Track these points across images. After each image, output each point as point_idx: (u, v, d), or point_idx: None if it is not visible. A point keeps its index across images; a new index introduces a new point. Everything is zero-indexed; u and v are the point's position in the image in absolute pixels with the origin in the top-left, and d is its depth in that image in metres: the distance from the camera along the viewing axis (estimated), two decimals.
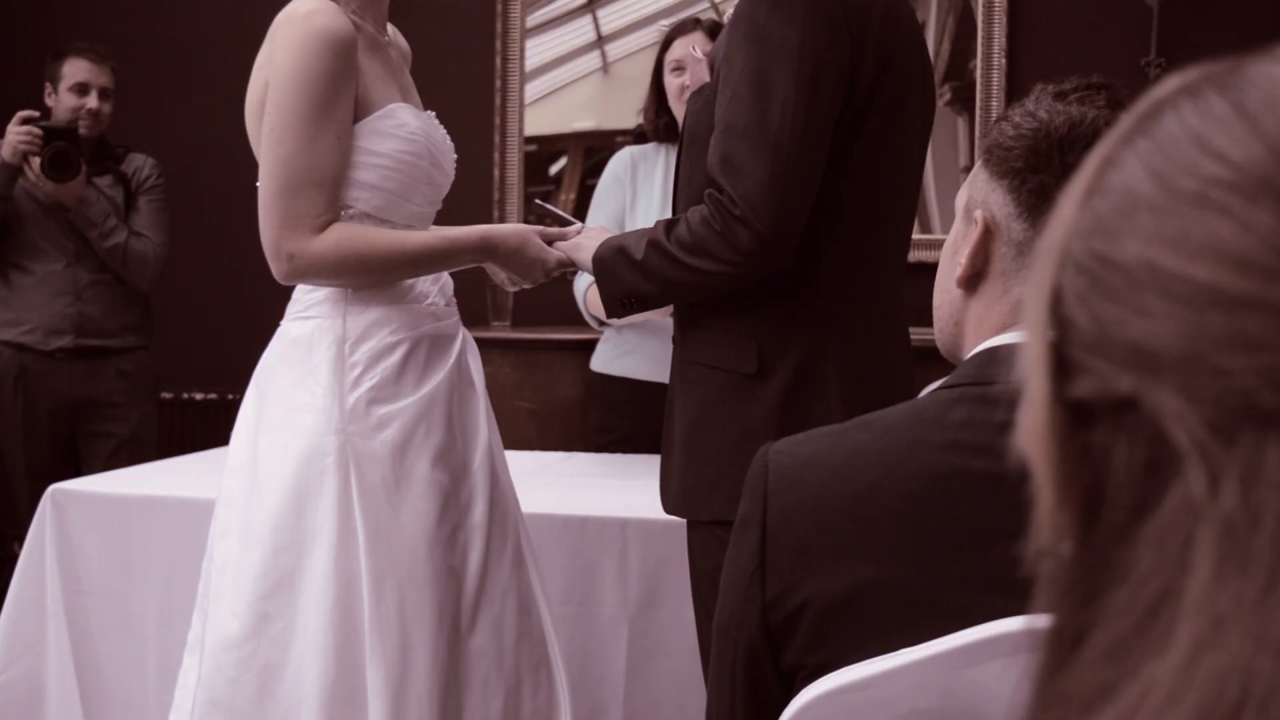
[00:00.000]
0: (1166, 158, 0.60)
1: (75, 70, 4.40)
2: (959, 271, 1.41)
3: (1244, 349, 0.56)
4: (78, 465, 4.41)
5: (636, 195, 3.87)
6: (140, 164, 4.51)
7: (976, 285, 1.41)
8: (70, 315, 4.38)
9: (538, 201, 2.95)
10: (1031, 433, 0.64)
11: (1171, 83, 0.63)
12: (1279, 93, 0.59)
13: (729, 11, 2.29)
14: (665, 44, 3.90)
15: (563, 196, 5.15)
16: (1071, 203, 0.64)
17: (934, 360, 1.53)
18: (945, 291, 1.45)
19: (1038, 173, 1.35)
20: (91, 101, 4.40)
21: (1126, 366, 0.59)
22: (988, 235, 1.40)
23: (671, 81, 3.83)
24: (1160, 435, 0.58)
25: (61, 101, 4.40)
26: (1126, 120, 0.64)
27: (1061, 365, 0.62)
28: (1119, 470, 0.60)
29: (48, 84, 4.42)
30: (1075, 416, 0.62)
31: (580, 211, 4.47)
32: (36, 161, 4.18)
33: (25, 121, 4.20)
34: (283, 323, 2.43)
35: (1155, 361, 0.58)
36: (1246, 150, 0.58)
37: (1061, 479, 0.63)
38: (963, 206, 1.44)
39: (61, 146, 4.18)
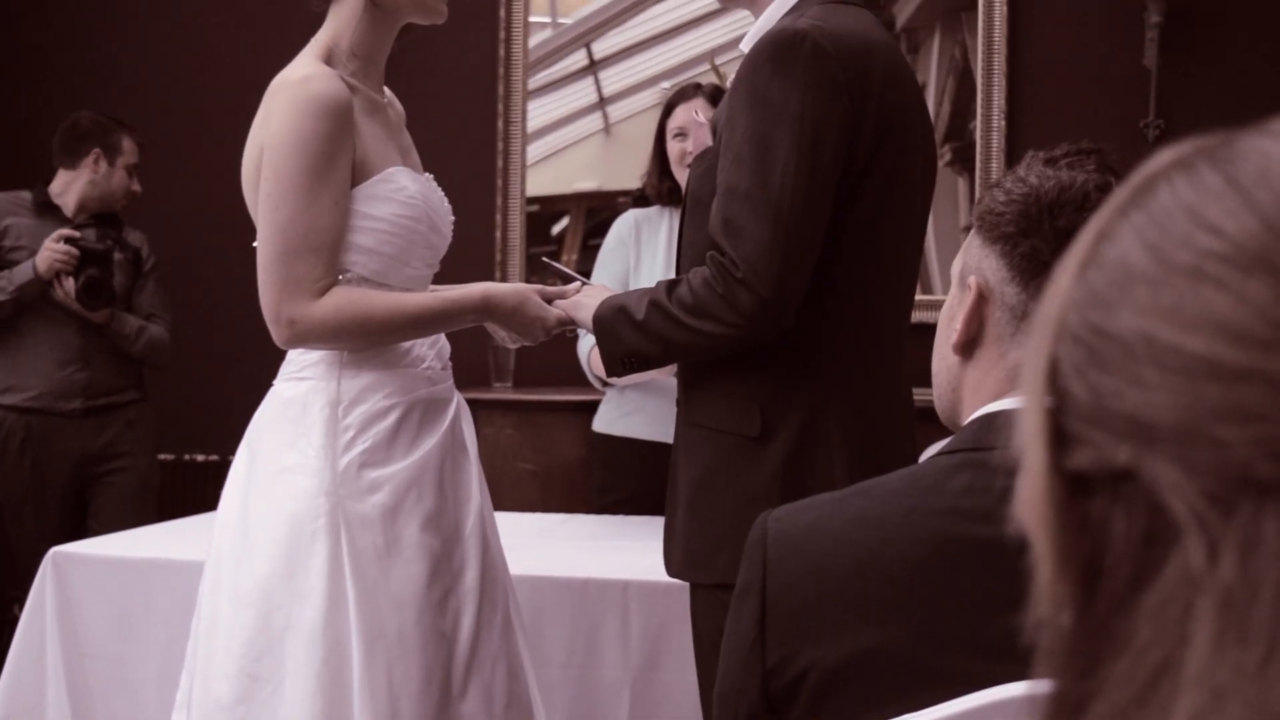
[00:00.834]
0: (1161, 231, 0.61)
1: (132, 151, 4.55)
2: (954, 337, 1.41)
3: (1241, 420, 0.56)
4: (86, 518, 4.42)
5: (641, 257, 3.88)
6: (140, 241, 4.61)
7: (972, 351, 1.41)
8: (80, 380, 4.43)
9: (544, 260, 2.96)
10: (1030, 503, 0.64)
11: (1165, 156, 0.64)
12: (1271, 166, 0.60)
13: (730, 76, 2.31)
14: (667, 110, 3.93)
15: (565, 256, 5.17)
16: (1067, 275, 0.64)
17: (935, 420, 1.53)
18: (942, 358, 1.46)
19: (1029, 237, 1.36)
20: (136, 184, 4.57)
21: (1124, 437, 0.59)
22: (981, 301, 1.40)
23: (674, 147, 3.85)
24: (1158, 506, 0.58)
25: (117, 177, 4.51)
26: (1121, 193, 0.64)
27: (1059, 436, 0.63)
28: (1118, 541, 0.60)
29: (97, 150, 4.48)
30: (1073, 487, 0.62)
31: (582, 272, 4.48)
32: (70, 282, 4.28)
33: (63, 240, 4.29)
34: (276, 383, 2.42)
35: (1152, 432, 0.58)
36: (1240, 223, 0.58)
37: (1060, 549, 0.63)
38: (958, 273, 1.44)
39: (95, 276, 4.29)
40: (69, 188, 4.49)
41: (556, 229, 5.25)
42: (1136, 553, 0.59)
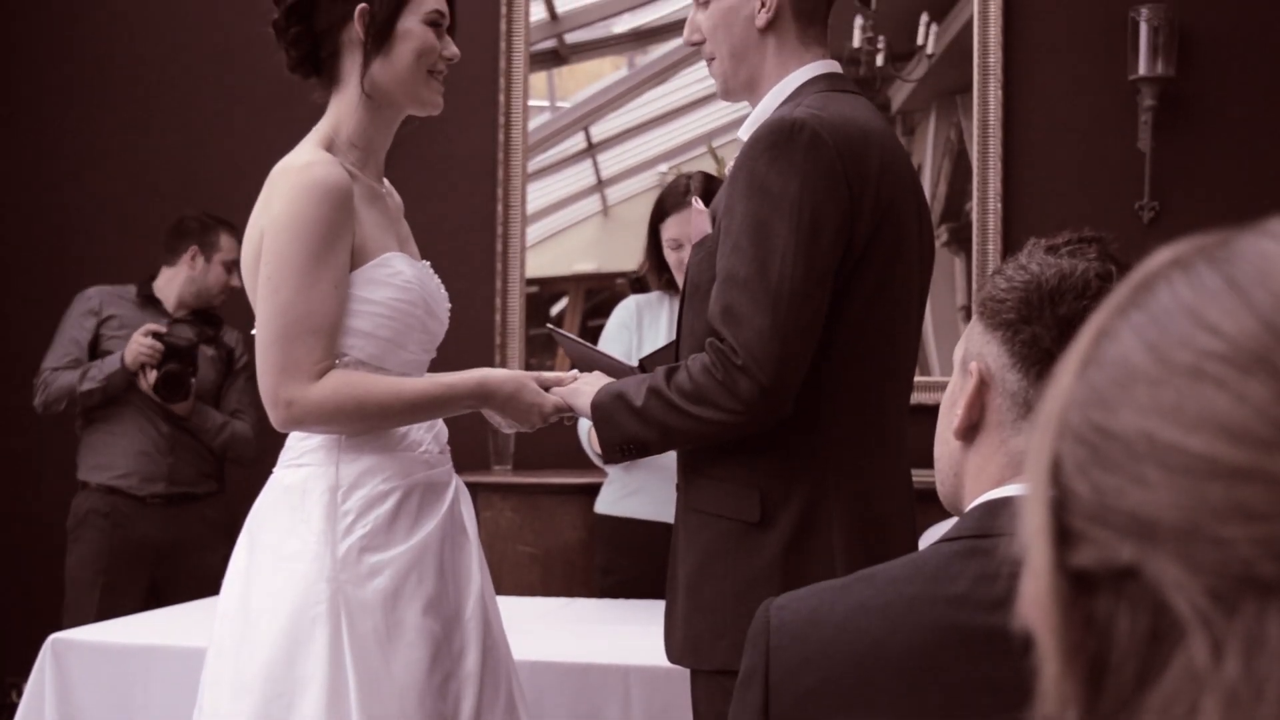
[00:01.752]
0: (1161, 330, 0.61)
1: (231, 248, 4.66)
2: (956, 423, 1.42)
3: (1243, 519, 0.56)
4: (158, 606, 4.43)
5: (643, 341, 3.88)
6: (235, 341, 4.74)
7: (974, 437, 1.42)
8: (165, 465, 4.55)
9: (549, 326, 2.96)
10: (1034, 601, 0.64)
11: (1163, 255, 0.65)
12: (1269, 266, 0.60)
13: (728, 160, 2.32)
14: (659, 213, 3.90)
15: None
16: (1068, 373, 0.65)
17: (935, 502, 1.53)
18: (944, 443, 1.46)
19: (1030, 324, 1.36)
20: (236, 279, 4.64)
21: (1127, 535, 0.60)
22: (983, 387, 1.41)
23: (672, 257, 3.82)
24: (1162, 604, 0.58)
25: (213, 273, 4.68)
26: (1120, 292, 0.65)
27: (1062, 534, 0.63)
28: (1122, 639, 0.60)
29: (194, 247, 4.66)
30: (1077, 585, 0.62)
31: None
32: (152, 375, 4.42)
33: (150, 334, 4.42)
34: (275, 470, 2.43)
35: (1155, 531, 0.59)
36: (1239, 323, 0.59)
37: (1065, 647, 0.63)
38: (959, 359, 1.45)
39: (174, 371, 4.43)
40: (170, 284, 4.69)
41: (555, 310, 5.27)
42: (1141, 650, 0.59)
